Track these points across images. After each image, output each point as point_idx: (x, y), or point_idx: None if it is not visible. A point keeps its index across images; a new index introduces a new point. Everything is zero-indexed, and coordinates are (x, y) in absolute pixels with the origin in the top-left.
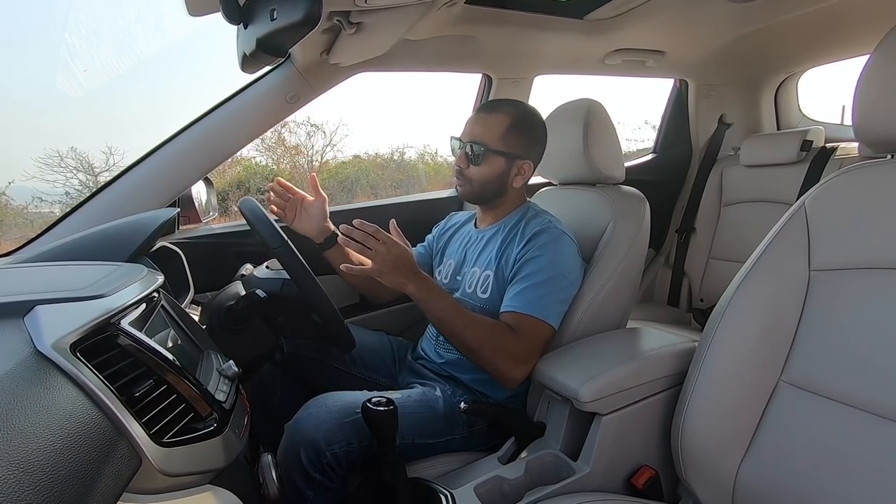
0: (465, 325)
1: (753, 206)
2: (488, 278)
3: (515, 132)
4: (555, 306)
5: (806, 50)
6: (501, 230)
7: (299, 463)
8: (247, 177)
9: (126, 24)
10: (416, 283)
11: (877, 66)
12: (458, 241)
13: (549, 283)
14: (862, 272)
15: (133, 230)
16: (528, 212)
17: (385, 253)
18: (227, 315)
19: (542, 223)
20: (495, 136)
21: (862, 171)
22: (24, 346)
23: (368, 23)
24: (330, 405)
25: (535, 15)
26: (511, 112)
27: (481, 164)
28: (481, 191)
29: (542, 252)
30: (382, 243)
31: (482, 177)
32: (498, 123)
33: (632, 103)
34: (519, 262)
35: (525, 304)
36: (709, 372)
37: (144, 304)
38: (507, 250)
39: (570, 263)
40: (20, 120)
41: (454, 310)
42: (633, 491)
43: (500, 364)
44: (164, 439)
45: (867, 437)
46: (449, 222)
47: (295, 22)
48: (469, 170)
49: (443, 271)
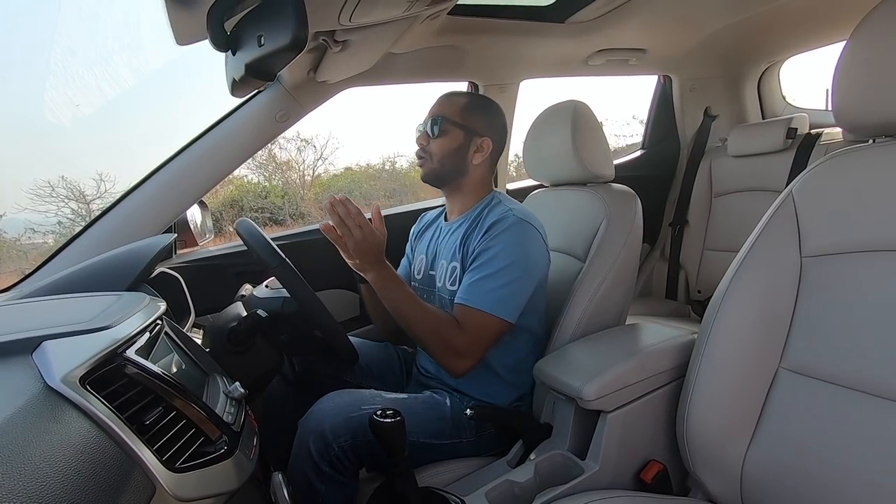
0: (416, 318)
1: (744, 196)
2: (455, 270)
3: (473, 109)
4: (507, 299)
5: (784, 40)
6: (466, 220)
7: (309, 456)
8: (240, 195)
9: (112, 52)
10: (377, 270)
11: (853, 53)
12: (429, 236)
13: (500, 274)
14: (852, 256)
15: (131, 259)
16: (492, 201)
17: (360, 238)
18: (229, 337)
19: (502, 212)
20: (454, 111)
21: (845, 158)
22: (34, 382)
23: (354, 40)
24: (337, 401)
25: (518, 21)
26: (468, 94)
27: (440, 136)
28: (441, 166)
29: (497, 242)
30: (359, 227)
31: (442, 149)
32: (456, 101)
33: (619, 100)
34: (475, 253)
35: (473, 297)
36: (709, 363)
37: (148, 333)
38: (468, 240)
39: (528, 252)
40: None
41: (408, 301)
42: (642, 486)
43: (443, 357)
44: (177, 465)
45: (867, 418)
46: (420, 222)
47: (282, 47)
48: (429, 145)
49: (415, 268)
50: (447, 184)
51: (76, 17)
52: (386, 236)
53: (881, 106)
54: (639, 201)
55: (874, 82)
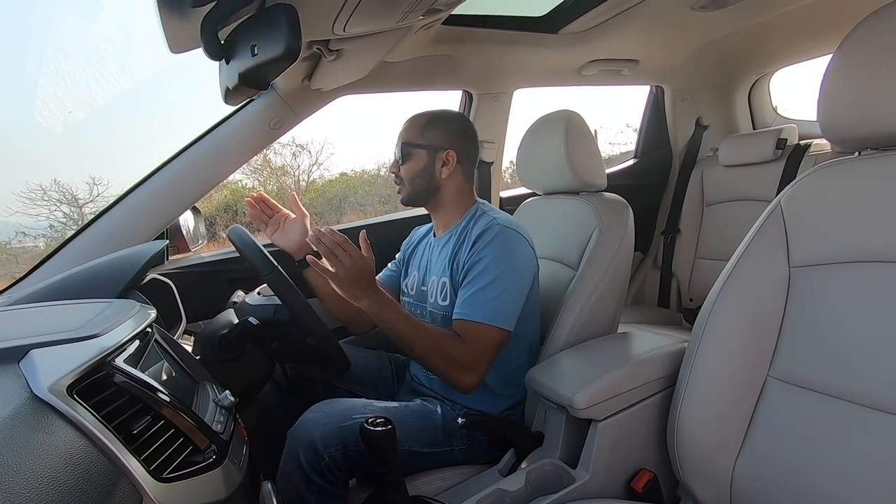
0: (414, 337)
1: (735, 205)
2: (445, 286)
3: (432, 126)
4: (503, 308)
5: (774, 52)
6: (453, 235)
7: (299, 466)
8: (234, 200)
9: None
10: (370, 297)
11: (839, 67)
12: (420, 253)
13: (493, 285)
14: (839, 266)
15: (122, 265)
16: (476, 212)
17: (350, 265)
18: (220, 344)
19: (487, 223)
20: (415, 133)
21: (832, 169)
22: (21, 392)
23: (348, 49)
24: (327, 410)
25: (511, 32)
26: (428, 113)
27: (407, 161)
28: (412, 188)
29: (485, 253)
30: (349, 255)
31: (410, 173)
32: (416, 122)
33: (613, 108)
34: (466, 266)
35: (471, 311)
36: (699, 372)
37: (138, 341)
38: (457, 255)
39: (516, 258)
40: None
41: (405, 322)
42: (633, 495)
43: (450, 373)
44: (164, 475)
45: (854, 427)
46: (413, 236)
47: (275, 57)
48: (400, 171)
49: (408, 284)
50: (426, 203)
51: (69, 18)
52: (374, 261)
53: (867, 119)
54: (630, 210)
55: (860, 95)
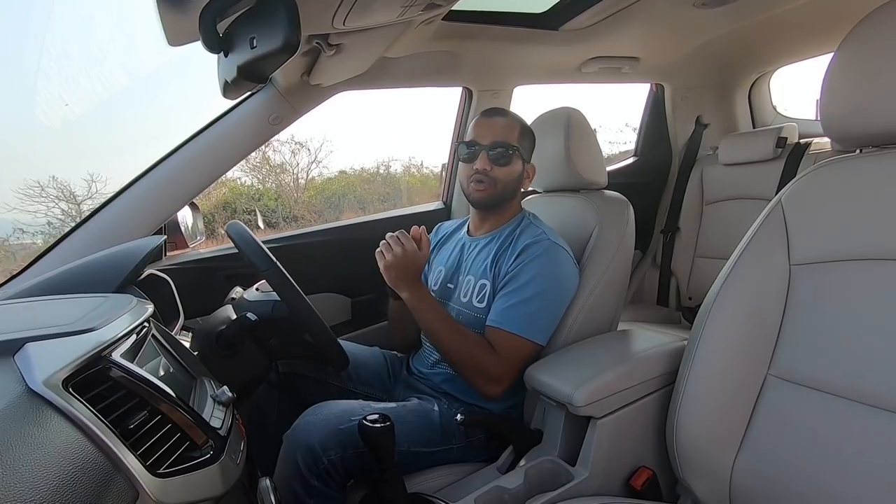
0: (450, 339)
1: (734, 204)
2: (484, 287)
3: (524, 136)
4: (540, 322)
5: (774, 50)
6: (496, 238)
7: (297, 470)
8: (233, 198)
9: (103, 52)
10: (412, 289)
11: (840, 65)
12: (450, 249)
13: (535, 299)
14: (839, 264)
15: (120, 260)
16: (523, 221)
17: (400, 254)
18: (218, 340)
19: (535, 235)
20: (514, 136)
21: (833, 167)
22: (15, 385)
23: (347, 44)
24: (325, 413)
25: (512, 28)
26: (517, 118)
27: (507, 164)
28: (503, 192)
29: (531, 266)
30: (401, 244)
31: (507, 177)
32: (512, 126)
33: (613, 107)
34: (509, 275)
35: (508, 321)
36: (699, 369)
37: (135, 335)
38: (500, 260)
39: (561, 276)
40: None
41: (443, 322)
42: (632, 493)
43: (477, 381)
44: (161, 470)
45: (854, 425)
46: (438, 233)
47: (274, 49)
48: (494, 171)
49: (431, 279)
50: (497, 207)
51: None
52: (427, 259)
53: (868, 117)
54: (631, 208)
55: (861, 93)
